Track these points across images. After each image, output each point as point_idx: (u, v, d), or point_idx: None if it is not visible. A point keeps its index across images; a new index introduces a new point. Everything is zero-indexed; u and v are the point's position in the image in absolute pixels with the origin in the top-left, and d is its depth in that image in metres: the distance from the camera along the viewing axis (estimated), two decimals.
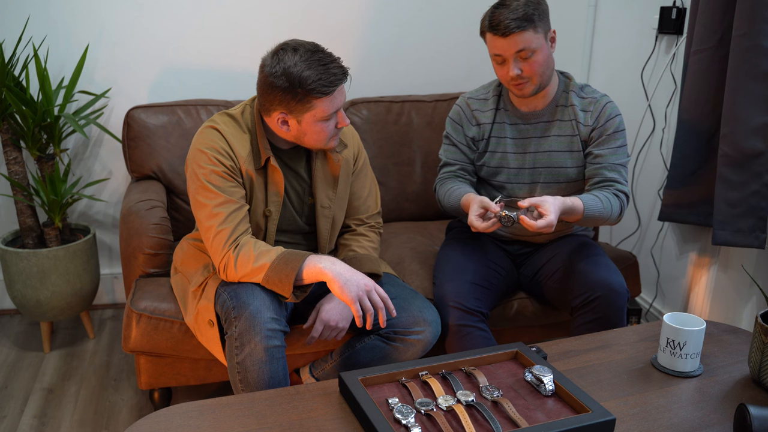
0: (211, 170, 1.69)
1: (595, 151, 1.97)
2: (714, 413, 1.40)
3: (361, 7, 2.73)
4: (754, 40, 1.98)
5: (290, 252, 1.66)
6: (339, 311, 1.80)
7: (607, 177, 1.95)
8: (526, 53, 1.85)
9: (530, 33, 1.83)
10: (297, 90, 1.61)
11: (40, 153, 2.39)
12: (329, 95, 1.64)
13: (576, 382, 1.49)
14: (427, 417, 1.34)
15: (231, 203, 1.69)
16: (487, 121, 2.05)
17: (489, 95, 2.08)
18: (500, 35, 1.84)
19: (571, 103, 1.99)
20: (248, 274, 1.66)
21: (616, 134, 1.96)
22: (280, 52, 1.64)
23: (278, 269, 1.63)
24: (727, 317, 2.37)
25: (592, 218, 1.86)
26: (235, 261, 1.66)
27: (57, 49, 2.52)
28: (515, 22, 1.81)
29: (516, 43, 1.83)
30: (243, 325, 1.61)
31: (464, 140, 2.08)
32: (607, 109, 1.97)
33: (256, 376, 1.62)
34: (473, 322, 1.89)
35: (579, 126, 1.98)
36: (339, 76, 1.63)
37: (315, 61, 1.61)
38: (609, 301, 1.86)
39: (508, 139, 2.03)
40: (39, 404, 2.19)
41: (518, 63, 1.87)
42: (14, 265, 2.33)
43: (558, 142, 2.00)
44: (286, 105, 1.65)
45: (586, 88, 2.03)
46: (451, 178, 2.09)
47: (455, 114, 2.10)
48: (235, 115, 1.77)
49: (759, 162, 2.04)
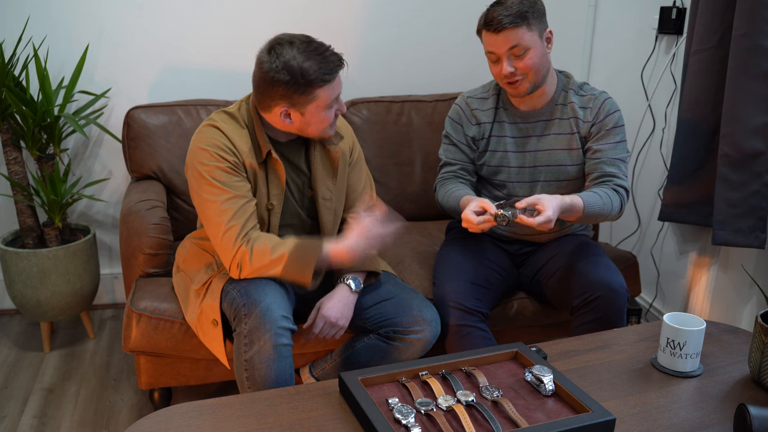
0: (215, 166, 1.69)
1: (594, 146, 1.97)
2: (714, 413, 1.40)
3: (360, 7, 2.73)
4: (754, 40, 1.98)
5: (306, 240, 1.70)
6: (339, 309, 1.80)
7: (606, 172, 1.95)
8: (519, 50, 1.86)
9: (523, 30, 1.84)
10: (300, 82, 1.62)
11: (40, 153, 2.39)
12: (330, 83, 1.66)
13: (576, 382, 1.49)
14: (427, 417, 1.34)
15: (238, 198, 1.69)
16: (487, 120, 2.05)
17: (488, 94, 2.08)
18: (493, 31, 1.85)
19: (570, 101, 2.00)
20: (265, 266, 1.66)
21: (615, 129, 1.96)
22: (277, 47, 1.64)
23: (298, 257, 1.65)
24: (727, 317, 2.37)
25: (592, 215, 1.86)
26: (250, 255, 1.66)
27: (57, 49, 2.52)
28: (508, 18, 1.82)
29: (508, 39, 1.84)
30: (253, 322, 1.61)
31: (464, 140, 2.07)
32: (606, 105, 1.98)
33: (264, 374, 1.62)
34: (473, 322, 1.89)
35: (578, 123, 1.99)
36: (337, 63, 1.66)
37: (312, 51, 1.63)
38: (609, 301, 1.86)
39: (508, 138, 2.03)
40: (39, 404, 2.19)
41: (511, 60, 1.88)
42: (14, 265, 2.33)
43: (557, 141, 2.00)
44: (289, 98, 1.65)
45: (584, 86, 2.03)
46: (451, 179, 2.08)
47: (455, 113, 2.10)
48: (232, 113, 1.78)
49: (759, 162, 2.04)
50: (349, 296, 1.83)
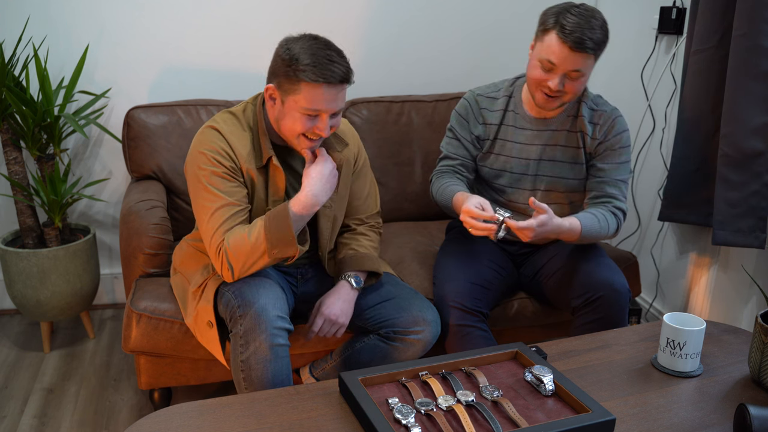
0: (212, 171, 1.68)
1: (598, 165, 1.96)
2: (714, 413, 1.40)
3: (361, 7, 2.73)
4: (754, 40, 1.98)
5: (272, 210, 1.68)
6: (340, 307, 1.80)
7: (607, 192, 1.95)
8: (578, 74, 1.81)
9: (592, 59, 1.80)
10: (291, 65, 1.60)
11: (40, 153, 2.39)
12: (317, 85, 1.59)
13: (576, 382, 1.49)
14: (427, 417, 1.34)
15: (232, 206, 1.69)
16: (494, 122, 2.03)
17: (499, 95, 2.04)
18: (569, 46, 1.75)
19: (581, 114, 1.96)
20: (248, 251, 1.64)
21: (622, 150, 1.95)
22: (302, 35, 1.66)
23: (274, 224, 1.63)
24: (727, 317, 2.37)
25: (588, 238, 1.88)
26: (229, 247, 1.64)
27: (57, 49, 2.52)
28: (591, 42, 1.75)
29: (577, 62, 1.78)
30: (248, 323, 1.61)
31: (469, 137, 2.05)
32: (615, 124, 1.95)
33: (260, 375, 1.62)
34: (473, 322, 1.89)
35: (586, 139, 1.96)
36: (336, 74, 1.60)
37: (321, 52, 1.61)
38: (611, 301, 1.86)
39: (514, 143, 2.01)
40: (39, 404, 2.19)
41: (564, 79, 1.82)
42: (14, 265, 2.33)
43: (563, 153, 1.98)
44: (278, 79, 1.64)
45: (598, 99, 2.00)
46: (449, 173, 2.07)
47: (462, 108, 2.07)
48: (237, 113, 1.77)
49: (759, 162, 2.04)
50: (349, 293, 1.82)
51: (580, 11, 1.78)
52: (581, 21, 1.75)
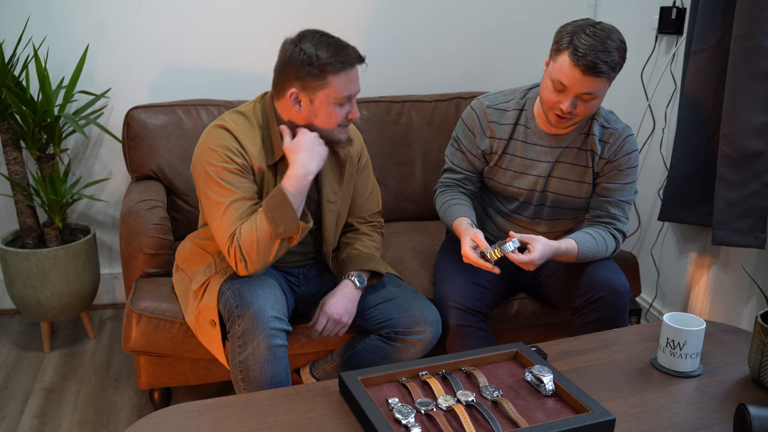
0: (223, 167, 1.69)
1: (604, 184, 1.93)
2: (714, 413, 1.40)
3: (361, 8, 2.73)
4: (754, 40, 1.98)
5: (268, 196, 1.69)
6: (344, 306, 1.80)
7: (610, 212, 1.94)
8: (590, 97, 1.75)
9: (606, 82, 1.74)
10: (314, 64, 1.63)
11: (40, 153, 2.39)
12: (344, 72, 1.65)
13: (576, 382, 1.49)
14: (427, 417, 1.34)
15: (244, 200, 1.69)
16: (502, 136, 1.95)
17: (510, 106, 1.96)
18: (581, 69, 1.69)
19: (592, 132, 1.91)
20: (256, 240, 1.64)
21: (629, 170, 1.92)
22: (302, 33, 1.69)
23: (273, 205, 1.64)
24: (727, 317, 2.37)
25: (585, 259, 1.89)
26: (240, 240, 1.65)
27: (57, 49, 2.52)
28: (605, 66, 1.68)
29: (589, 85, 1.72)
30: (246, 323, 1.61)
31: (475, 151, 1.99)
32: (625, 144, 1.90)
33: (258, 375, 1.62)
34: (473, 322, 1.89)
35: (595, 157, 1.91)
36: (353, 56, 1.66)
37: (332, 42, 1.66)
38: (612, 301, 1.86)
39: (523, 158, 1.95)
40: (39, 404, 2.19)
41: (576, 101, 1.76)
42: (14, 265, 2.33)
43: (572, 171, 1.94)
44: (302, 81, 1.66)
45: (610, 116, 1.94)
46: (453, 187, 2.05)
47: (469, 119, 1.99)
48: (245, 112, 1.78)
49: (759, 162, 2.04)
50: (353, 292, 1.83)
51: (595, 31, 1.70)
52: (596, 43, 1.68)
